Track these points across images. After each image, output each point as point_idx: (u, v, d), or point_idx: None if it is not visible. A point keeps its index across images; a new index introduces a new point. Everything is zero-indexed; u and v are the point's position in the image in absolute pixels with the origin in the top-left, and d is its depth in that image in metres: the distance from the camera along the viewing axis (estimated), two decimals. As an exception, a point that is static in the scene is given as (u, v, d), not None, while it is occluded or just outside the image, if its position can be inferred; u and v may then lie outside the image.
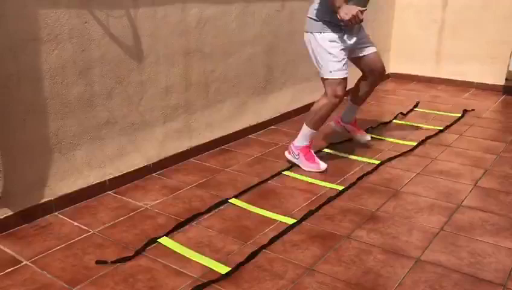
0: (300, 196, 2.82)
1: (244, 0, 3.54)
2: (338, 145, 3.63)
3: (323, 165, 3.13)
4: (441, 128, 3.97)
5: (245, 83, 3.74)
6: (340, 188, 2.89)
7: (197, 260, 2.18)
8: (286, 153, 3.27)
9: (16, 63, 2.30)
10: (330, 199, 2.75)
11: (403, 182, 2.99)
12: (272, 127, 4.08)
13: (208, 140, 3.50)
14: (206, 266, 2.13)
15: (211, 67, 3.39)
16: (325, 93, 3.02)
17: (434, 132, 3.87)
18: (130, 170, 2.98)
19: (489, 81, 5.23)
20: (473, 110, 4.49)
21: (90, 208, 2.68)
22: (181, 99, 3.22)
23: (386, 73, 5.90)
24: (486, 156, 3.38)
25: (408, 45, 5.71)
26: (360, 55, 3.16)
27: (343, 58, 2.95)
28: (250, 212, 2.63)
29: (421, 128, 4.01)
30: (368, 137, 3.61)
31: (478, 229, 2.43)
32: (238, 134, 3.76)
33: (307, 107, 4.47)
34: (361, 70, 3.29)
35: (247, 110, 3.82)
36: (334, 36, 2.91)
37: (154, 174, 3.12)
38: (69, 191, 2.68)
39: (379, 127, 4.05)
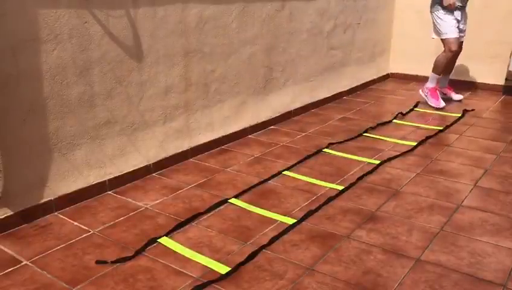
0: (300, 196, 2.82)
1: (244, 0, 3.54)
2: (338, 145, 3.63)
3: (442, 104, 4.53)
4: (441, 128, 3.97)
5: (245, 83, 3.74)
6: (340, 188, 2.89)
7: (197, 260, 2.18)
8: (420, 91, 4.72)
9: (16, 63, 2.31)
10: (330, 199, 2.75)
11: (403, 182, 2.99)
12: (272, 127, 4.08)
13: (208, 140, 3.50)
14: (206, 266, 2.13)
15: (210, 67, 3.39)
16: (444, 50, 4.48)
17: (434, 132, 3.87)
18: (130, 170, 2.98)
19: (489, 81, 5.23)
20: (473, 110, 4.49)
21: (90, 208, 2.68)
22: (181, 99, 3.22)
23: (386, 73, 5.94)
24: (486, 156, 3.38)
25: (408, 45, 5.70)
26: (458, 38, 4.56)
27: (454, 25, 4.39)
28: (250, 212, 2.63)
29: (421, 128, 4.01)
30: (460, 96, 4.83)
31: (478, 229, 2.43)
32: (238, 134, 3.76)
33: (307, 107, 4.49)
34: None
35: (247, 110, 3.82)
36: (445, 12, 4.38)
37: (154, 174, 3.13)
38: (69, 191, 2.68)
39: (379, 127, 4.05)
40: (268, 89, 4.01)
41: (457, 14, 4.39)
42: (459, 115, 4.34)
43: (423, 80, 5.63)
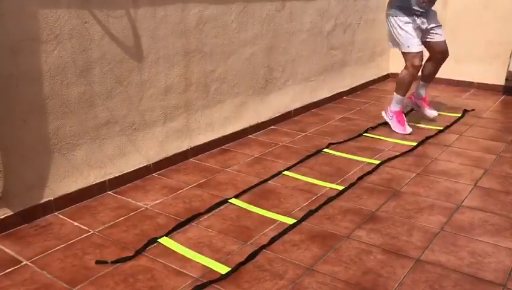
0: (300, 196, 2.82)
1: (244, 0, 3.54)
2: (338, 145, 3.63)
3: (408, 130, 3.82)
4: (441, 128, 3.97)
5: (245, 83, 3.74)
6: (340, 188, 2.89)
7: (197, 260, 2.18)
8: (383, 113, 4.01)
9: (16, 63, 2.31)
10: (330, 199, 2.75)
11: (403, 182, 2.99)
12: (272, 127, 4.08)
13: (208, 140, 3.50)
14: (206, 266, 2.13)
15: (210, 67, 3.39)
16: (406, 65, 3.79)
17: (434, 132, 3.87)
18: (130, 170, 2.98)
19: (489, 81, 5.23)
20: (473, 110, 4.49)
21: (90, 208, 2.68)
22: (181, 99, 3.22)
23: (386, 73, 5.93)
24: (486, 156, 3.38)
25: (408, 45, 5.69)
26: (430, 40, 3.85)
27: (417, 36, 3.69)
28: (250, 212, 2.63)
29: (421, 128, 4.01)
30: (435, 113, 4.13)
31: (478, 229, 2.43)
32: (238, 134, 3.76)
33: (307, 107, 4.49)
34: (429, 52, 3.96)
35: (247, 110, 3.82)
36: (407, 19, 3.65)
37: (154, 174, 3.13)
38: (69, 191, 2.68)
39: (379, 127, 4.05)
40: (268, 89, 4.01)
41: (421, 21, 3.71)
42: (459, 115, 4.33)
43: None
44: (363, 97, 5.06)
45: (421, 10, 3.66)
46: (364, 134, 3.87)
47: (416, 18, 3.67)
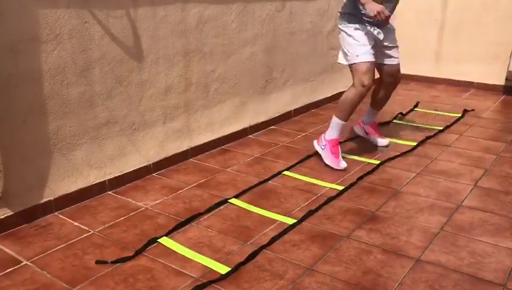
0: (300, 196, 2.82)
1: (244, 0, 3.54)
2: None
3: (343, 164, 3.15)
4: (441, 128, 3.97)
5: (245, 83, 3.74)
6: (340, 188, 2.89)
7: (197, 260, 2.18)
8: (314, 142, 3.35)
9: (16, 63, 2.31)
10: (330, 199, 2.75)
11: (403, 182, 2.99)
12: (272, 127, 4.08)
13: (208, 140, 3.50)
14: (206, 266, 2.13)
15: (210, 67, 3.39)
16: (353, 83, 3.10)
17: (434, 132, 3.87)
18: (130, 170, 2.98)
19: (489, 81, 5.23)
20: (473, 110, 4.49)
21: (90, 208, 2.68)
22: (181, 99, 3.22)
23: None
24: (486, 156, 3.38)
25: (408, 45, 5.69)
26: (384, 62, 3.30)
27: (369, 44, 3.05)
28: (250, 212, 2.63)
29: (421, 128, 4.01)
30: (386, 141, 3.59)
31: (478, 229, 2.43)
32: (238, 134, 3.76)
33: (307, 107, 4.49)
34: (380, 75, 3.41)
35: (247, 110, 3.82)
36: (357, 26, 3.06)
37: (154, 174, 3.13)
38: (69, 191, 2.68)
39: (379, 127, 4.04)
40: (268, 89, 4.01)
41: (377, 31, 3.09)
42: (459, 115, 4.33)
43: (423, 80, 5.65)
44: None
45: (372, 21, 3.04)
46: (364, 134, 3.87)
47: (368, 26, 3.07)
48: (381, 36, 3.08)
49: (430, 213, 2.60)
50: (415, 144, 3.61)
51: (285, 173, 3.13)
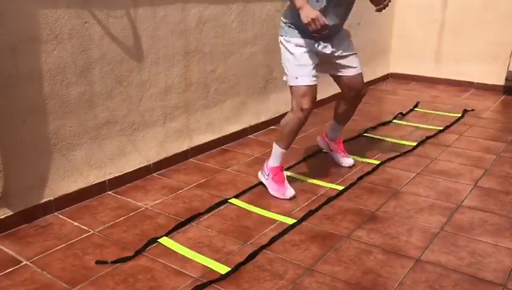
0: (300, 196, 2.81)
1: (244, 0, 3.54)
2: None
3: (289, 193, 2.76)
4: (441, 128, 3.97)
5: (245, 83, 3.74)
6: (340, 188, 2.89)
7: (197, 260, 2.18)
8: (259, 173, 2.96)
9: (16, 63, 2.31)
10: (330, 199, 2.75)
11: (403, 182, 2.99)
12: (272, 127, 4.08)
13: (208, 140, 3.50)
14: (206, 266, 2.13)
15: (210, 67, 3.39)
16: (291, 107, 2.69)
17: (434, 132, 3.87)
18: (130, 170, 2.98)
19: (489, 81, 5.23)
20: (473, 110, 4.49)
21: (90, 208, 2.68)
22: (181, 99, 3.22)
23: (386, 73, 5.92)
24: (486, 156, 3.38)
25: (408, 45, 5.71)
26: (340, 74, 2.87)
27: (311, 64, 2.63)
28: (250, 212, 2.63)
29: (421, 128, 4.01)
30: (351, 161, 3.23)
31: (478, 229, 2.43)
32: (238, 134, 3.76)
33: (307, 107, 4.48)
34: (340, 88, 3.02)
35: (247, 110, 3.82)
36: (301, 41, 2.63)
37: (154, 174, 3.12)
38: (69, 191, 2.68)
39: (379, 127, 4.05)
40: (268, 89, 4.01)
41: (323, 45, 2.69)
42: (459, 115, 4.33)
43: (423, 80, 5.66)
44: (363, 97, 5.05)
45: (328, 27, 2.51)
46: (364, 134, 3.87)
47: (314, 41, 2.65)
48: (327, 50, 2.70)
49: (430, 213, 2.60)
50: (415, 144, 3.61)
51: (285, 173, 3.12)
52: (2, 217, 2.40)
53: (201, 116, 3.42)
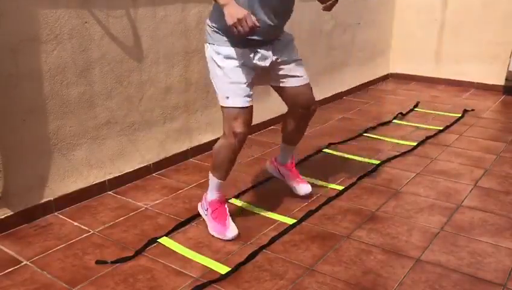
0: (300, 195, 2.81)
1: (244, 0, 3.54)
2: (338, 145, 3.63)
3: (230, 233, 2.32)
4: (441, 128, 3.97)
5: (245, 83, 3.74)
6: (340, 188, 2.89)
7: (197, 260, 2.18)
8: (199, 205, 2.53)
9: (16, 63, 2.31)
10: (330, 199, 2.75)
11: (403, 182, 2.99)
12: (272, 127, 4.08)
13: (207, 140, 3.50)
14: (206, 266, 2.13)
15: (211, 67, 3.39)
16: (223, 133, 2.27)
17: (434, 132, 3.87)
18: (130, 170, 2.98)
19: (489, 81, 5.23)
20: (473, 110, 4.49)
21: (90, 208, 2.68)
22: (181, 99, 3.22)
23: (386, 73, 5.90)
24: (486, 156, 3.38)
25: (408, 45, 5.71)
26: (283, 85, 2.42)
27: (244, 81, 2.19)
28: (250, 212, 2.63)
29: (421, 128, 4.01)
30: (308, 188, 2.73)
31: (478, 229, 2.43)
32: (238, 134, 3.75)
33: (307, 107, 4.48)
34: (285, 103, 2.56)
35: (247, 110, 3.81)
36: (231, 51, 2.16)
37: (154, 174, 3.12)
38: (69, 191, 2.68)
39: (379, 127, 4.05)
40: (268, 89, 4.00)
41: (262, 56, 2.23)
42: (459, 115, 4.33)
43: (423, 80, 5.66)
44: (363, 97, 5.06)
45: (256, 38, 2.13)
46: (364, 134, 3.87)
47: (249, 50, 2.18)
48: (267, 62, 2.25)
49: (430, 213, 2.60)
50: (415, 144, 3.61)
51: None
52: (2, 217, 2.40)
53: (201, 116, 3.42)
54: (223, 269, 2.10)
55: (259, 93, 3.92)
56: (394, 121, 4.22)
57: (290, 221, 2.51)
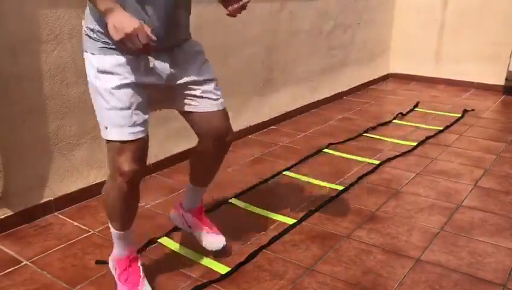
0: (300, 196, 2.81)
1: (244, 0, 3.54)
2: (338, 145, 3.63)
3: None
4: (441, 128, 3.97)
5: (245, 83, 3.74)
6: (340, 188, 2.89)
7: (197, 260, 2.18)
8: (109, 261, 2.01)
9: (16, 63, 2.31)
10: (330, 199, 2.75)
11: (403, 182, 2.99)
12: (272, 127, 4.08)
13: (207, 140, 3.50)
14: (206, 266, 2.13)
15: (211, 67, 3.39)
16: (110, 172, 1.77)
17: (434, 132, 3.87)
18: (130, 170, 2.97)
19: (489, 81, 5.23)
20: (473, 110, 4.49)
21: (90, 208, 2.68)
22: (181, 99, 3.22)
23: (386, 73, 5.90)
24: (486, 156, 3.38)
25: (408, 45, 5.71)
26: (190, 110, 1.86)
27: (128, 106, 1.63)
28: (250, 212, 2.63)
29: (421, 128, 4.01)
30: (220, 241, 2.14)
31: (478, 229, 2.43)
32: (238, 134, 3.75)
33: (307, 107, 4.49)
34: (194, 131, 1.96)
35: (247, 110, 3.82)
36: (109, 61, 1.63)
37: (154, 174, 3.12)
38: (69, 191, 2.68)
39: (379, 127, 4.05)
40: (268, 89, 4.01)
41: (159, 64, 1.70)
42: (459, 115, 4.33)
43: (423, 80, 5.66)
44: (363, 97, 5.06)
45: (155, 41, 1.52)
46: (364, 134, 3.87)
47: (135, 60, 1.64)
48: (161, 78, 1.71)
49: (430, 213, 2.60)
50: (415, 144, 3.61)
51: (285, 173, 3.13)
52: (2, 217, 2.40)
53: (201, 116, 3.41)
54: (223, 269, 2.10)
55: (259, 94, 3.92)
56: (394, 121, 4.22)
57: (290, 221, 2.51)
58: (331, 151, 3.50)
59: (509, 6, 4.96)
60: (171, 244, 2.30)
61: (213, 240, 2.13)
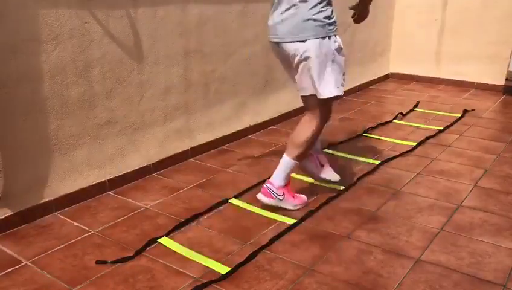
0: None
1: (244, 0, 3.54)
2: (338, 145, 3.63)
3: (305, 197, 2.71)
4: (441, 128, 3.97)
5: (245, 83, 3.74)
6: (340, 188, 2.89)
7: (197, 260, 2.18)
8: (262, 197, 2.60)
9: (16, 63, 2.31)
10: (330, 199, 2.75)
11: (403, 182, 2.99)
12: (272, 127, 4.08)
13: (207, 140, 3.50)
14: (206, 266, 2.13)
15: (210, 68, 3.39)
16: (315, 117, 2.60)
17: (434, 132, 3.87)
18: (130, 170, 2.98)
19: (489, 81, 5.23)
20: (473, 110, 4.49)
21: (90, 208, 2.68)
22: (181, 99, 3.22)
23: (386, 73, 5.92)
24: (486, 156, 3.38)
25: (408, 45, 5.71)
26: None
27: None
28: (250, 212, 2.63)
29: (421, 128, 4.01)
30: (338, 176, 2.89)
31: (478, 229, 2.43)
32: (238, 134, 3.76)
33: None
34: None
35: (247, 110, 3.82)
36: (338, 40, 2.42)
37: (154, 174, 3.12)
38: (69, 191, 2.68)
39: (379, 127, 4.05)
40: (268, 89, 4.01)
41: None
42: (459, 115, 4.33)
43: (423, 80, 5.66)
44: (363, 97, 5.06)
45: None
46: (364, 134, 3.87)
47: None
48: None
49: (430, 213, 2.60)
50: (415, 144, 3.61)
51: None
52: (2, 217, 2.40)
53: (201, 116, 3.42)
54: (223, 269, 2.10)
55: (259, 94, 3.92)
56: (394, 121, 4.22)
57: (290, 221, 2.51)
58: (331, 151, 3.50)
59: (509, 6, 4.96)
60: (171, 244, 2.31)
61: (333, 174, 2.86)
